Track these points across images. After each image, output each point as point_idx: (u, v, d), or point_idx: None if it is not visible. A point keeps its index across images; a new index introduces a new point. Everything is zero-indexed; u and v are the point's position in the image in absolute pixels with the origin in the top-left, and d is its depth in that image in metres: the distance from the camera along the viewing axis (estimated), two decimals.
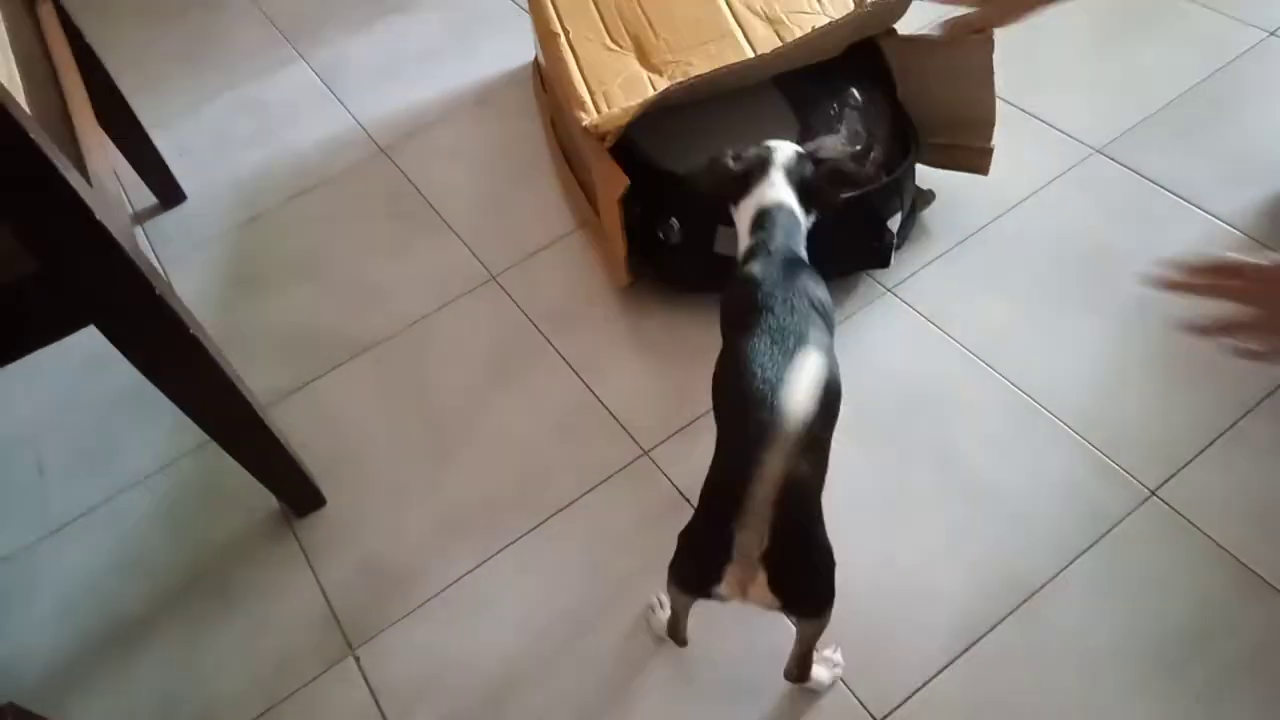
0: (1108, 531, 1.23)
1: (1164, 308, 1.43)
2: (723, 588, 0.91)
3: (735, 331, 1.07)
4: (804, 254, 1.18)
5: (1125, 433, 1.33)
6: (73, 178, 0.96)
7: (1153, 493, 1.26)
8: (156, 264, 1.79)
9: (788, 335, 1.02)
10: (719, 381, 1.09)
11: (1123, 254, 1.53)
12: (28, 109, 1.10)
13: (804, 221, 1.20)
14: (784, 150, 1.24)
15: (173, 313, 1.05)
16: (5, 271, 0.96)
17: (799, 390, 0.79)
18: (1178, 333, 1.39)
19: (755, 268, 1.12)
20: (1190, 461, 1.28)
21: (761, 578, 0.89)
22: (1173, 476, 1.27)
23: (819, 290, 1.13)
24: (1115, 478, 1.28)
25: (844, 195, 1.39)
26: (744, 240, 1.21)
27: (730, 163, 1.24)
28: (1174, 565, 1.20)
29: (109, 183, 1.19)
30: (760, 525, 0.84)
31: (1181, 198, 1.58)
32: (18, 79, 1.18)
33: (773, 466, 0.80)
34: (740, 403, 0.96)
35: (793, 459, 0.80)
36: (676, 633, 1.15)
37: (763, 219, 1.19)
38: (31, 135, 0.89)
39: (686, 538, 0.99)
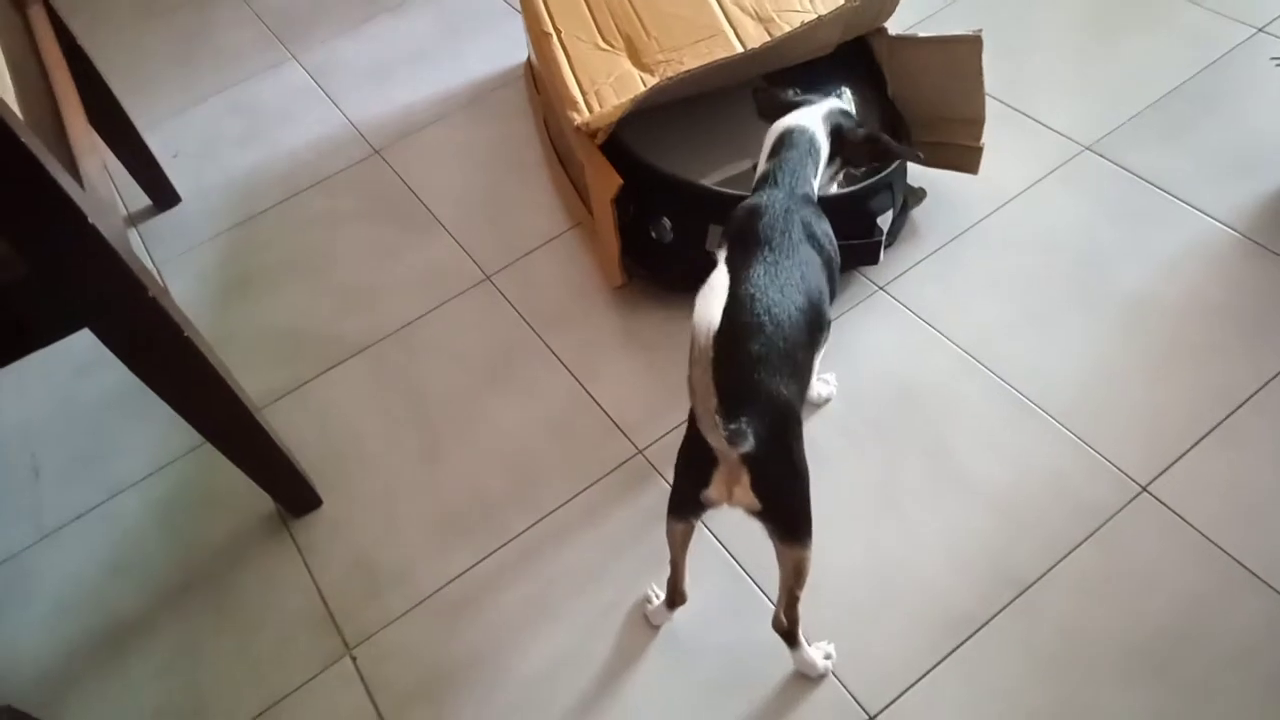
0: (1099, 527, 1.24)
1: (1154, 304, 1.45)
2: (712, 490, 0.97)
3: (732, 255, 1.10)
4: (813, 190, 1.20)
5: (1116, 429, 1.34)
6: (65, 181, 0.96)
7: (1143, 488, 1.27)
8: (151, 266, 1.80)
9: (780, 269, 1.05)
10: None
11: (1113, 251, 1.54)
12: (19, 112, 1.10)
13: (824, 157, 1.23)
14: (833, 102, 1.27)
15: (166, 316, 1.05)
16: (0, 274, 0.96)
17: (704, 304, 0.82)
18: (1168, 328, 1.41)
19: (762, 196, 1.15)
20: (1180, 457, 1.29)
21: (745, 479, 0.95)
22: (1163, 472, 1.28)
23: (820, 225, 1.16)
24: (1106, 474, 1.29)
25: (837, 192, 1.41)
26: (761, 165, 1.23)
27: (785, 94, 1.30)
28: (1165, 560, 1.21)
29: (102, 185, 1.19)
30: (714, 410, 0.87)
31: (1171, 195, 1.59)
32: (9, 81, 1.18)
33: (699, 369, 0.84)
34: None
35: (717, 369, 0.83)
36: (676, 588, 1.17)
37: (784, 140, 1.21)
38: (23, 139, 0.90)
39: (679, 456, 1.03)
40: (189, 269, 1.79)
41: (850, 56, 1.56)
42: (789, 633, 1.11)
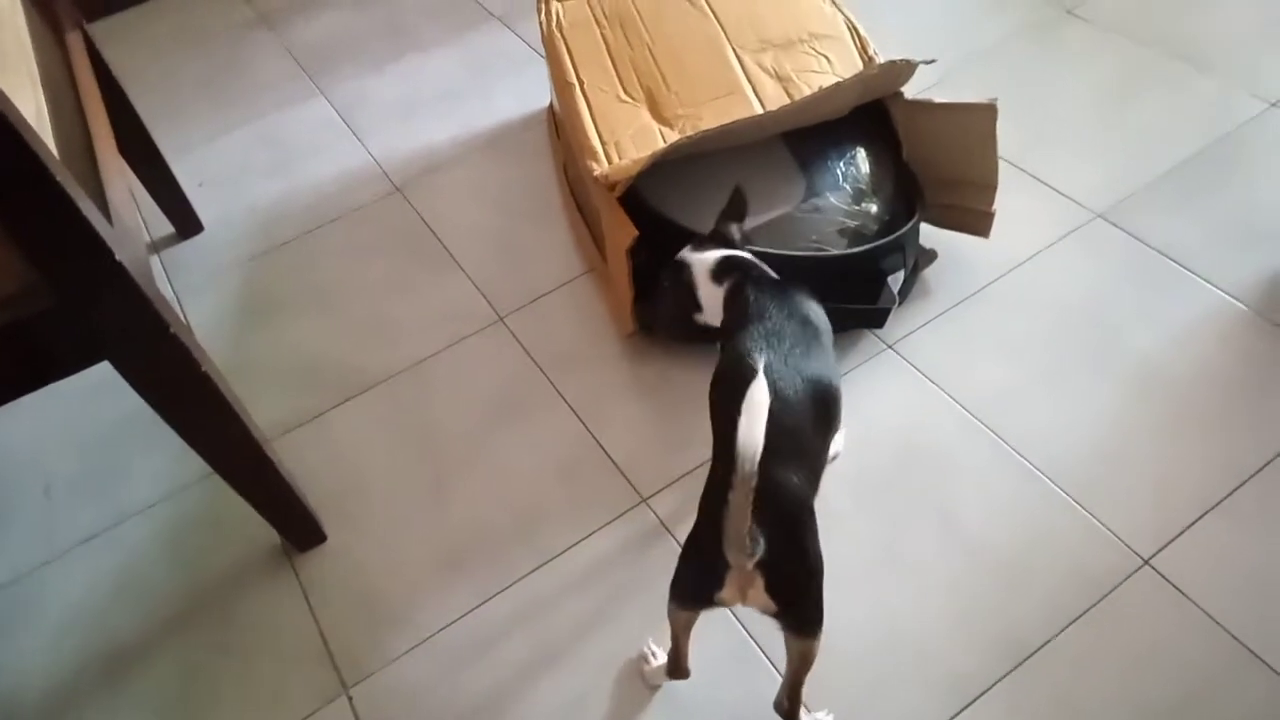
0: (1101, 599, 1.24)
1: (1162, 375, 1.46)
2: (724, 593, 0.95)
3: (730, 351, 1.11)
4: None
5: (1120, 499, 1.34)
6: (94, 217, 0.98)
7: (1146, 561, 1.27)
8: (171, 294, 1.82)
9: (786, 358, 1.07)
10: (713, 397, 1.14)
11: (1123, 319, 1.55)
12: (53, 141, 1.14)
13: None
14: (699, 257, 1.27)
15: (185, 351, 1.08)
16: (25, 307, 0.98)
17: (748, 425, 0.82)
18: (1175, 400, 1.42)
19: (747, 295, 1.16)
20: (1184, 531, 1.29)
21: (760, 582, 0.94)
22: (1166, 545, 1.28)
23: (808, 307, 1.17)
24: (1109, 545, 1.29)
25: (849, 250, 1.44)
26: (720, 312, 1.22)
27: (669, 284, 1.29)
28: (1165, 635, 1.20)
29: (129, 219, 1.21)
30: (745, 534, 0.87)
31: (1182, 265, 1.60)
32: (46, 116, 1.22)
33: (740, 493, 0.84)
34: (726, 423, 0.98)
35: (760, 482, 0.84)
36: (678, 665, 1.16)
37: (723, 271, 1.23)
38: (58, 177, 0.92)
39: (689, 547, 1.02)
40: (209, 297, 1.81)
41: (866, 118, 1.59)
42: (791, 713, 1.09)
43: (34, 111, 1.17)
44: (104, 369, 1.08)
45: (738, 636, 1.25)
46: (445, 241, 1.86)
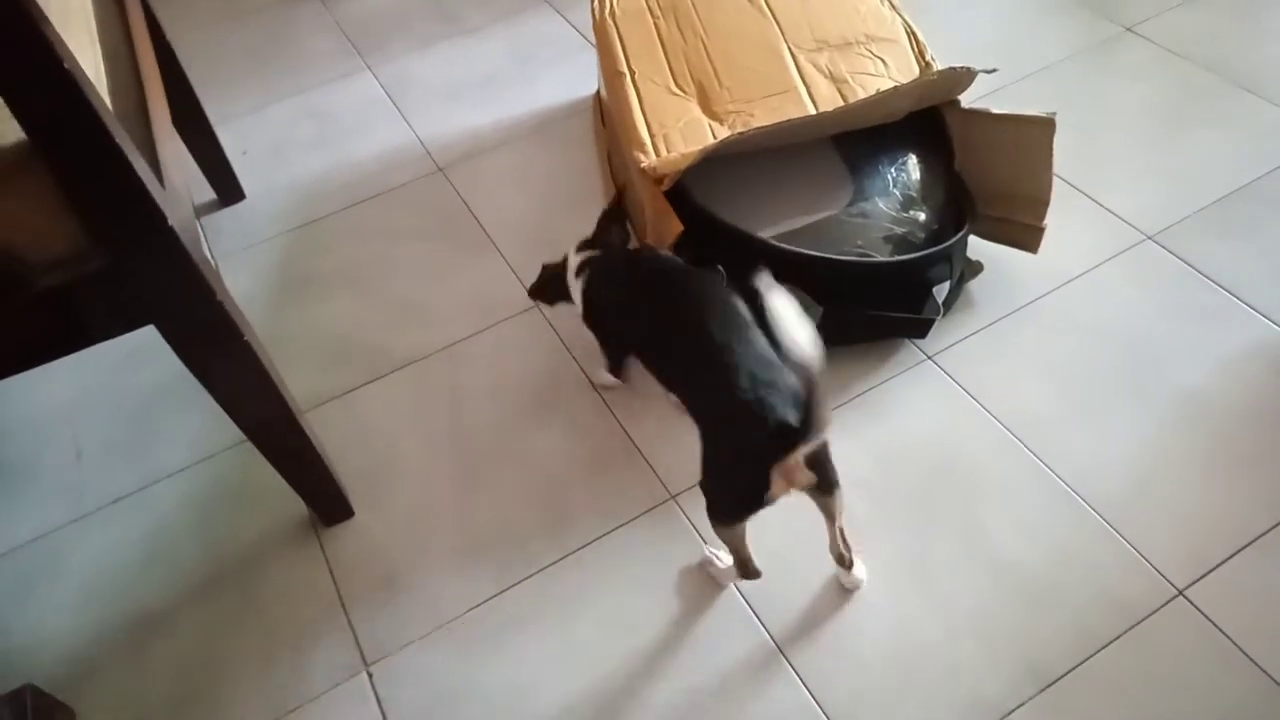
0: (1132, 627, 1.22)
1: (1206, 403, 1.43)
2: (774, 489, 1.06)
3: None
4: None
5: (1155, 527, 1.32)
6: (149, 180, 0.98)
7: (1180, 592, 1.24)
8: (210, 259, 1.83)
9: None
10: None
11: (1169, 345, 1.52)
12: (109, 101, 1.14)
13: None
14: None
15: (229, 318, 1.07)
16: (76, 269, 0.98)
17: (800, 334, 0.92)
18: (1218, 430, 1.39)
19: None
20: (1220, 564, 1.27)
21: (801, 464, 1.06)
22: (1202, 578, 1.26)
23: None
24: (1143, 573, 1.27)
25: (896, 258, 1.42)
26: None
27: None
28: (1196, 668, 1.18)
29: (180, 184, 1.21)
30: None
31: (1232, 293, 1.57)
32: (104, 74, 1.22)
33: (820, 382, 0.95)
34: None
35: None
36: (747, 569, 1.23)
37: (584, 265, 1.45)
38: (115, 137, 0.92)
39: (722, 470, 1.13)
40: (247, 266, 1.82)
41: (919, 124, 1.57)
42: (845, 554, 1.24)
43: (93, 70, 1.17)
44: (139, 336, 1.08)
45: (764, 645, 1.24)
46: (485, 225, 1.85)
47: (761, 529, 1.16)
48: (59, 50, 0.84)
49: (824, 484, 1.12)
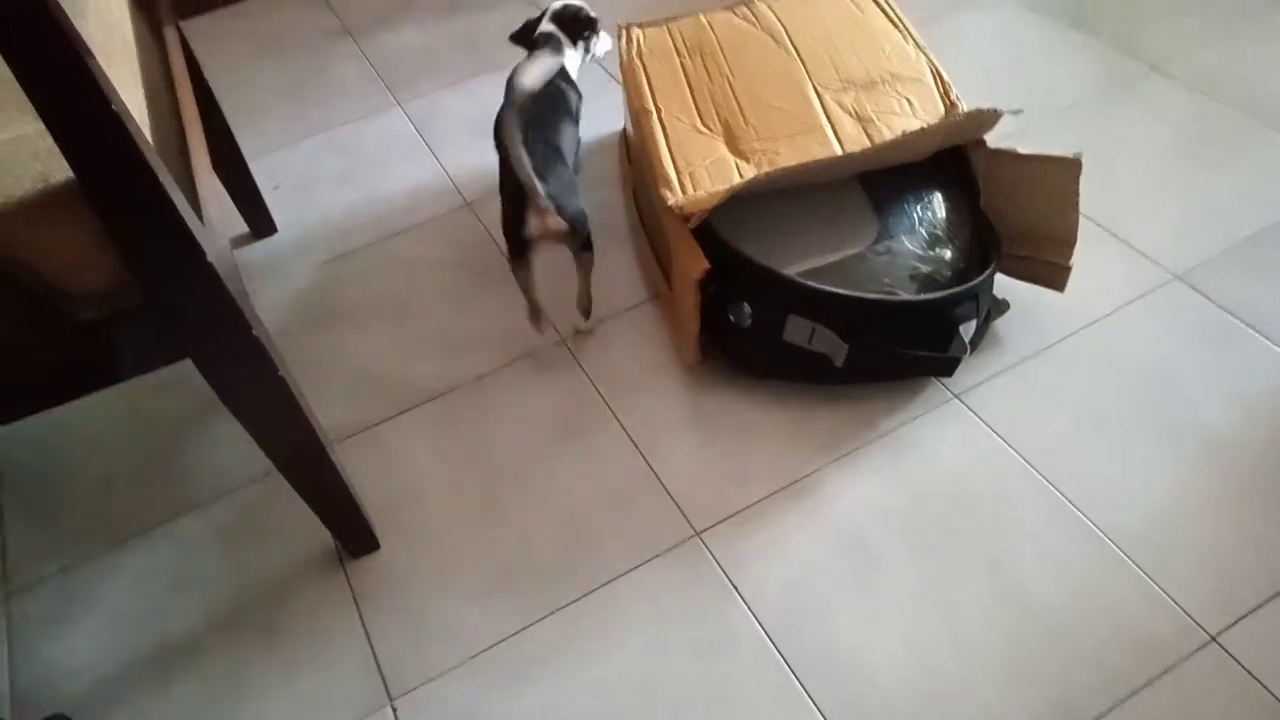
0: (1163, 673, 1.20)
1: (1235, 444, 1.42)
2: (530, 227, 1.47)
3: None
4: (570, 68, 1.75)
5: (1185, 569, 1.30)
6: (189, 217, 1.00)
7: (1213, 638, 1.23)
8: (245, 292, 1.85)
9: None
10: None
11: (1197, 384, 1.51)
12: (152, 140, 1.16)
13: (570, 50, 1.76)
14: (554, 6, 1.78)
15: (264, 353, 1.09)
16: (115, 303, 1.00)
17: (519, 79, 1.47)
18: (1247, 471, 1.38)
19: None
20: (1254, 610, 1.25)
21: (552, 215, 1.45)
22: (1234, 624, 1.24)
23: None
24: (1174, 617, 1.25)
25: (922, 296, 1.43)
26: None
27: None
28: (1232, 718, 1.16)
29: (217, 220, 1.24)
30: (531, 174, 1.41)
31: (1261, 334, 1.56)
32: (145, 112, 1.25)
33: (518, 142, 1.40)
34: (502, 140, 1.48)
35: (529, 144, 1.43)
36: (533, 312, 1.66)
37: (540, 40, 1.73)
38: (159, 176, 0.94)
39: (504, 222, 1.53)
40: (277, 298, 1.85)
41: (945, 163, 1.57)
42: (586, 311, 1.68)
43: (136, 108, 1.20)
44: (170, 366, 1.09)
45: (795, 697, 1.23)
46: None
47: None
48: (108, 93, 0.86)
49: (574, 242, 1.53)
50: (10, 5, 0.78)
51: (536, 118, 1.51)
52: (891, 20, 1.79)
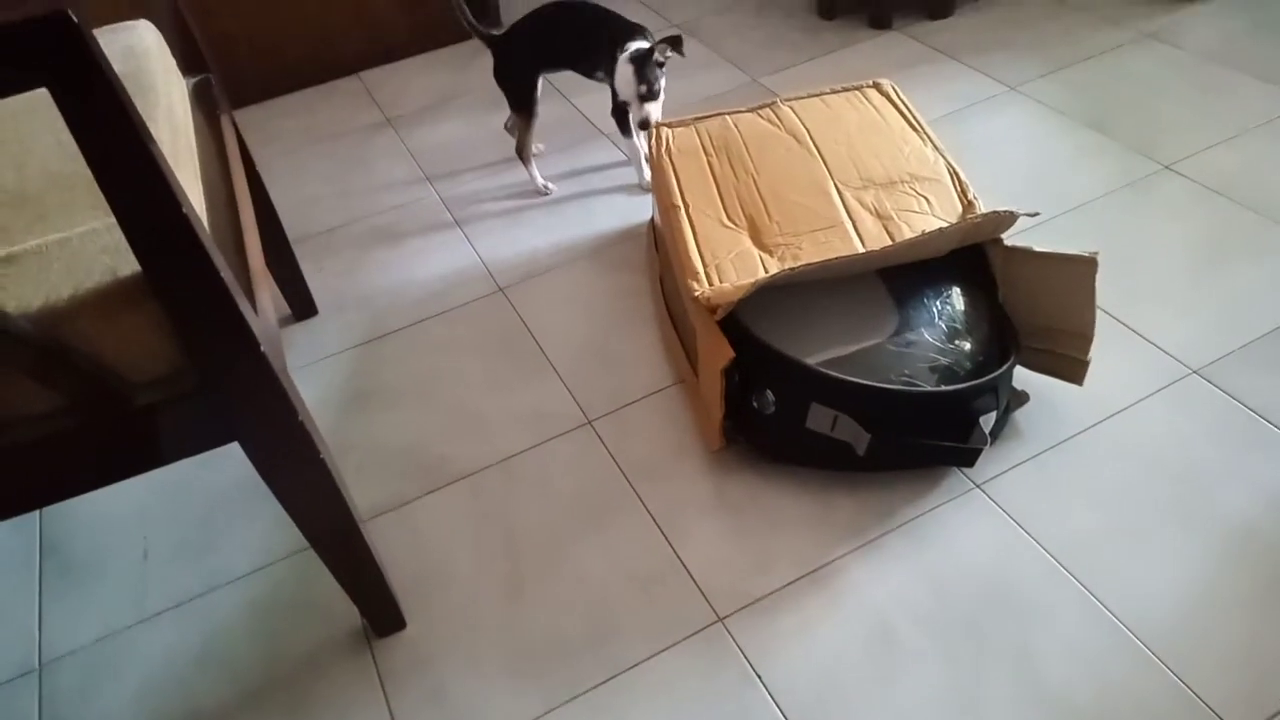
0: None
1: (1258, 539, 1.42)
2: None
3: None
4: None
5: (1211, 666, 1.29)
6: (245, 309, 1.07)
7: None
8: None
9: None
10: None
11: (1217, 478, 1.52)
12: (207, 225, 1.24)
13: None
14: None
15: (309, 437, 1.14)
16: (169, 389, 1.06)
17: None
18: (1272, 566, 1.38)
19: None
20: None
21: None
22: None
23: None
24: (1199, 713, 1.24)
25: (942, 388, 1.46)
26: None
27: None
28: None
29: (269, 308, 1.31)
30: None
31: (1278, 427, 1.58)
32: (205, 208, 1.33)
33: None
34: None
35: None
36: (522, 151, 2.21)
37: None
38: (220, 272, 1.01)
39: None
40: (317, 378, 1.91)
41: (963, 258, 1.62)
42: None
43: (198, 204, 1.28)
44: None
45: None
46: (541, 343, 1.93)
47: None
48: (179, 197, 0.94)
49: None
50: (98, 117, 0.86)
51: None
52: (910, 123, 1.87)
